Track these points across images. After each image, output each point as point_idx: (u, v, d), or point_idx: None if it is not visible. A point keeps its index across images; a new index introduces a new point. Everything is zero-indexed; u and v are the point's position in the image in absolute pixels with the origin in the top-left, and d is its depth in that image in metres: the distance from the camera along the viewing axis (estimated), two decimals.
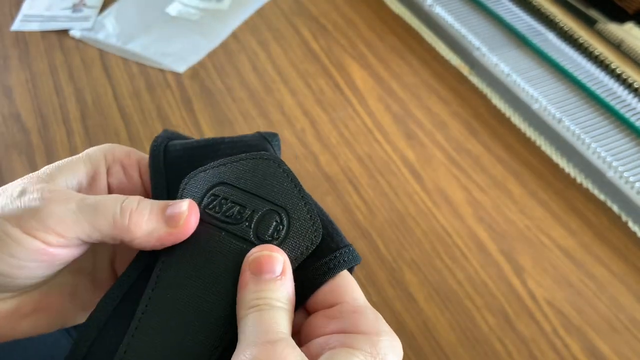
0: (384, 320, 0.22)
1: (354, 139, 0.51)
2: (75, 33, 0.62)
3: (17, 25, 0.64)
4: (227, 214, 0.24)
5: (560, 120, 0.49)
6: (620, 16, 0.57)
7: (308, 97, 0.55)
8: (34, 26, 0.63)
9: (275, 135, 0.27)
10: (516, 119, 0.52)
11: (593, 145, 0.47)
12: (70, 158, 0.25)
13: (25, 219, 0.22)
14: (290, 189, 0.24)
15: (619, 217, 0.45)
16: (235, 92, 0.55)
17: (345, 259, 0.23)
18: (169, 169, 0.26)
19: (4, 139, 0.52)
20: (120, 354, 0.21)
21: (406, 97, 0.55)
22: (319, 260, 0.23)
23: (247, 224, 0.23)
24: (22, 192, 0.23)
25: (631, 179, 0.45)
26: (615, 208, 0.45)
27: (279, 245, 0.23)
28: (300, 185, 0.24)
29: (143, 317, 0.22)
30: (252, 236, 0.23)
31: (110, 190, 0.26)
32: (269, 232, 0.23)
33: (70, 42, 0.61)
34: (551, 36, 0.57)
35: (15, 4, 0.66)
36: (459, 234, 0.44)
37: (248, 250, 0.22)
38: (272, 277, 0.21)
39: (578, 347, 0.38)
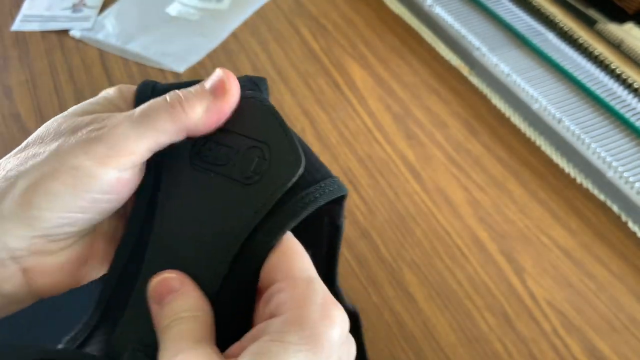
0: (319, 289, 0.20)
1: (354, 138, 0.51)
2: (75, 33, 0.62)
3: (17, 25, 0.64)
4: (215, 156, 0.24)
5: (560, 120, 0.49)
6: (620, 16, 0.57)
7: (308, 97, 0.55)
8: (34, 26, 0.63)
9: (263, 79, 0.27)
10: (516, 119, 0.52)
11: (593, 145, 0.47)
12: (94, 101, 0.25)
13: (94, 149, 0.21)
14: (272, 123, 0.24)
15: (619, 217, 0.45)
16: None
17: (330, 188, 0.23)
18: None
19: (3, 139, 0.52)
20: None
21: (406, 97, 0.55)
22: (302, 191, 0.23)
23: (232, 163, 0.24)
24: (75, 128, 0.22)
25: (631, 179, 0.45)
26: (615, 208, 0.45)
27: (260, 178, 0.23)
28: (282, 119, 0.24)
29: (146, 263, 0.23)
30: (237, 175, 0.23)
31: None
32: (252, 168, 0.23)
33: (70, 42, 0.61)
34: (551, 36, 0.57)
35: (15, 4, 0.66)
36: (459, 234, 0.44)
37: (234, 189, 0.23)
38: (172, 296, 0.21)
39: (578, 347, 0.38)
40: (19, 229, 0.21)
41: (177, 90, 0.24)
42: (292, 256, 0.22)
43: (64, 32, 0.62)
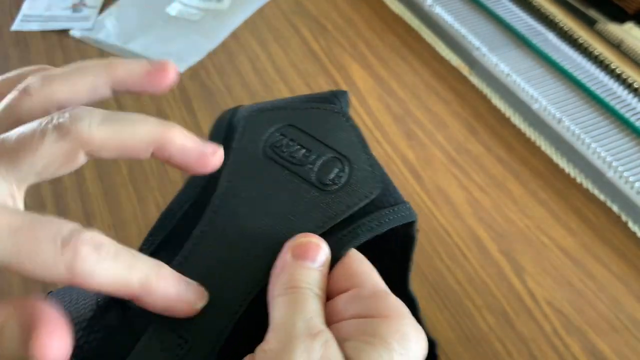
0: (405, 306, 0.21)
1: None
2: (75, 33, 0.62)
3: (17, 25, 0.64)
4: (292, 154, 0.24)
5: (560, 120, 0.49)
6: (620, 16, 0.57)
7: None
8: (34, 26, 0.63)
9: (345, 92, 0.28)
10: (516, 119, 0.52)
11: (593, 145, 0.47)
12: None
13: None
14: (355, 141, 0.25)
15: (619, 217, 0.45)
16: (235, 92, 0.55)
17: (403, 213, 0.24)
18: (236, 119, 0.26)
19: None
20: (178, 261, 0.22)
21: (406, 97, 0.55)
22: (378, 210, 0.23)
23: (310, 166, 0.24)
24: None
25: (631, 179, 0.45)
26: (615, 208, 0.45)
27: (338, 189, 0.23)
28: (365, 141, 0.25)
29: (201, 235, 0.23)
30: (313, 178, 0.24)
31: None
32: (331, 177, 0.24)
33: (70, 42, 0.61)
34: (551, 36, 0.57)
35: (15, 4, 0.66)
36: (459, 234, 0.44)
37: (309, 191, 0.23)
38: (312, 265, 0.21)
39: (578, 347, 0.38)
40: None
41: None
42: (368, 268, 0.22)
43: (64, 32, 0.62)
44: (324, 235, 0.22)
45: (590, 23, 0.57)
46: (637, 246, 0.43)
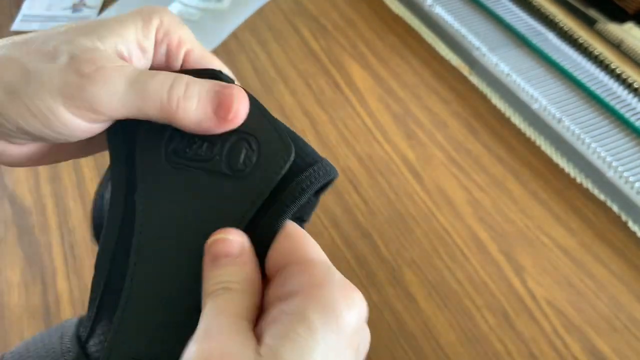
0: (336, 272, 0.20)
1: (354, 138, 0.51)
2: None
3: (17, 25, 0.64)
4: (196, 152, 0.23)
5: (560, 120, 0.49)
6: (620, 16, 0.57)
7: (308, 97, 0.55)
8: (34, 26, 0.63)
9: (217, 71, 0.26)
10: (516, 119, 0.52)
11: (593, 145, 0.47)
12: (121, 17, 0.23)
13: (75, 99, 0.21)
14: (255, 114, 0.24)
15: (619, 217, 0.45)
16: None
17: (323, 171, 0.23)
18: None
19: None
20: (121, 304, 0.22)
21: (406, 97, 0.55)
22: (297, 176, 0.23)
23: (218, 157, 0.23)
24: (71, 58, 0.21)
25: (631, 179, 0.45)
26: (615, 208, 0.45)
27: (252, 170, 0.23)
28: (263, 107, 0.24)
29: (135, 267, 0.22)
30: (224, 168, 0.23)
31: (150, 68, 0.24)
32: (241, 161, 0.23)
33: None
34: (551, 36, 0.57)
35: (15, 4, 0.66)
36: (459, 234, 0.44)
37: (225, 183, 0.22)
38: (229, 260, 0.21)
39: (578, 346, 0.38)
40: None
41: (181, 85, 0.22)
42: (304, 241, 0.21)
43: None
44: (252, 222, 0.22)
45: (590, 23, 0.57)
46: (637, 246, 0.43)
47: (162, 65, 0.25)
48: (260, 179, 0.22)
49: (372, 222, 0.45)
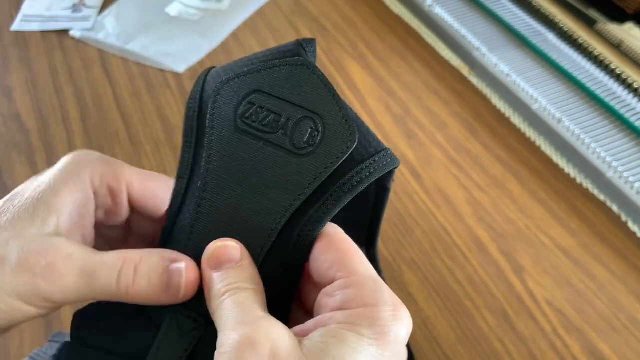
0: (386, 289, 0.21)
1: None
2: (75, 33, 0.62)
3: (17, 25, 0.64)
4: (263, 122, 0.23)
5: (560, 120, 0.49)
6: (620, 16, 0.57)
7: None
8: (34, 26, 0.63)
9: (312, 40, 0.27)
10: (516, 119, 0.52)
11: (593, 145, 0.47)
12: (52, 182, 0.23)
13: (27, 294, 0.21)
14: (324, 94, 0.24)
15: (619, 217, 0.45)
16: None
17: (384, 162, 0.23)
18: (206, 91, 0.26)
19: (4, 139, 0.52)
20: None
21: (406, 97, 0.55)
22: (358, 165, 0.23)
23: (282, 132, 0.23)
24: (21, 257, 0.22)
25: (631, 179, 0.45)
26: (615, 208, 0.45)
27: (314, 150, 0.23)
28: (335, 91, 0.24)
29: (195, 223, 0.23)
30: (288, 144, 0.23)
31: (97, 219, 0.25)
32: (305, 139, 0.23)
33: (70, 42, 0.61)
34: (551, 36, 0.57)
35: (15, 4, 0.66)
36: (459, 234, 0.44)
37: (286, 158, 0.23)
38: (232, 265, 0.21)
39: (578, 346, 0.38)
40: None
41: (130, 268, 0.22)
42: (353, 254, 0.22)
43: (64, 32, 0.62)
44: (308, 201, 0.22)
45: (590, 23, 0.57)
46: (637, 246, 0.43)
47: (110, 205, 0.25)
48: (321, 160, 0.23)
49: None
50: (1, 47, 0.61)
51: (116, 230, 0.27)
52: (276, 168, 0.23)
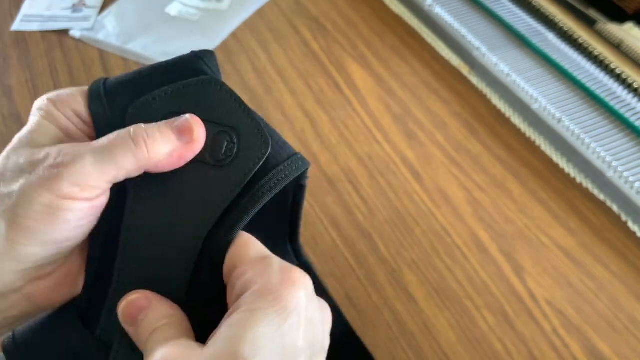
0: (275, 261, 0.22)
1: (354, 138, 0.51)
2: (75, 33, 0.62)
3: (17, 25, 0.64)
4: None
5: (560, 120, 0.49)
6: (620, 16, 0.57)
7: (308, 97, 0.55)
8: (34, 26, 0.63)
9: (210, 52, 0.28)
10: (516, 119, 0.52)
11: (593, 145, 0.47)
12: (30, 122, 0.25)
13: (58, 187, 0.22)
14: (235, 108, 0.26)
15: (619, 217, 0.45)
16: (235, 92, 0.55)
17: (296, 165, 0.26)
18: (111, 103, 0.26)
19: (4, 139, 0.52)
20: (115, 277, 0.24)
21: (406, 97, 0.55)
22: (273, 169, 0.25)
23: (203, 148, 0.25)
24: (33, 163, 0.23)
25: (631, 179, 0.45)
26: (615, 208, 0.45)
27: (232, 161, 0.25)
28: (244, 103, 0.26)
29: (126, 248, 0.24)
30: (208, 159, 0.25)
31: (72, 136, 0.26)
32: (222, 152, 0.25)
33: (70, 42, 0.61)
34: (551, 36, 0.57)
35: (15, 4, 0.66)
36: (459, 234, 0.44)
37: (205, 173, 0.24)
38: (144, 313, 0.22)
39: (578, 346, 0.38)
40: (10, 266, 0.22)
41: (140, 130, 0.23)
42: (246, 244, 0.23)
43: (64, 32, 0.62)
44: (229, 209, 0.24)
45: (590, 23, 0.57)
46: (637, 246, 0.43)
47: (82, 125, 0.26)
48: (240, 168, 0.24)
49: (372, 222, 0.45)
50: (1, 47, 0.61)
51: None
52: (200, 181, 0.24)
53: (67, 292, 0.25)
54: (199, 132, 0.24)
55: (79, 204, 0.22)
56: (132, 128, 0.23)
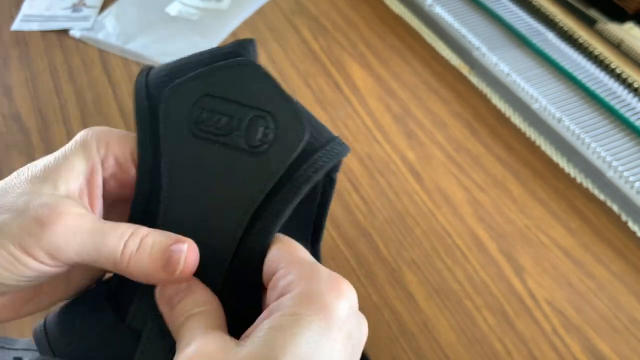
0: (322, 268, 0.21)
1: (354, 138, 0.51)
2: (75, 33, 0.62)
3: (17, 25, 0.64)
4: (217, 126, 0.24)
5: (560, 120, 0.49)
6: (620, 16, 0.57)
7: (308, 97, 0.55)
8: (34, 26, 0.63)
9: (251, 40, 0.27)
10: (516, 119, 0.52)
11: (593, 145, 0.47)
12: (63, 152, 0.24)
13: (32, 245, 0.21)
14: (272, 92, 0.24)
15: (619, 217, 0.45)
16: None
17: (336, 150, 0.24)
18: (151, 93, 0.26)
19: (4, 139, 0.52)
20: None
21: (406, 97, 0.55)
22: (312, 155, 0.23)
23: (237, 133, 0.24)
24: (25, 208, 0.22)
25: (631, 178, 0.45)
26: (615, 208, 0.45)
27: (268, 147, 0.23)
28: (281, 87, 0.24)
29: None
30: (243, 144, 0.24)
31: (105, 184, 0.25)
32: (258, 137, 0.24)
33: (70, 42, 0.61)
34: (551, 36, 0.57)
35: (15, 4, 0.66)
36: (459, 234, 0.44)
37: (243, 158, 0.23)
38: (181, 296, 0.22)
39: (578, 346, 0.38)
40: None
41: (135, 240, 0.22)
42: (292, 245, 0.23)
43: (64, 32, 0.62)
44: (268, 197, 0.23)
45: (590, 23, 0.57)
46: (637, 246, 0.43)
47: (117, 172, 0.25)
48: (277, 155, 0.23)
49: (372, 222, 0.45)
50: (1, 46, 0.61)
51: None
52: (235, 169, 0.23)
53: (12, 315, 0.25)
54: (186, 268, 0.22)
55: (43, 266, 0.22)
56: (131, 233, 0.22)
